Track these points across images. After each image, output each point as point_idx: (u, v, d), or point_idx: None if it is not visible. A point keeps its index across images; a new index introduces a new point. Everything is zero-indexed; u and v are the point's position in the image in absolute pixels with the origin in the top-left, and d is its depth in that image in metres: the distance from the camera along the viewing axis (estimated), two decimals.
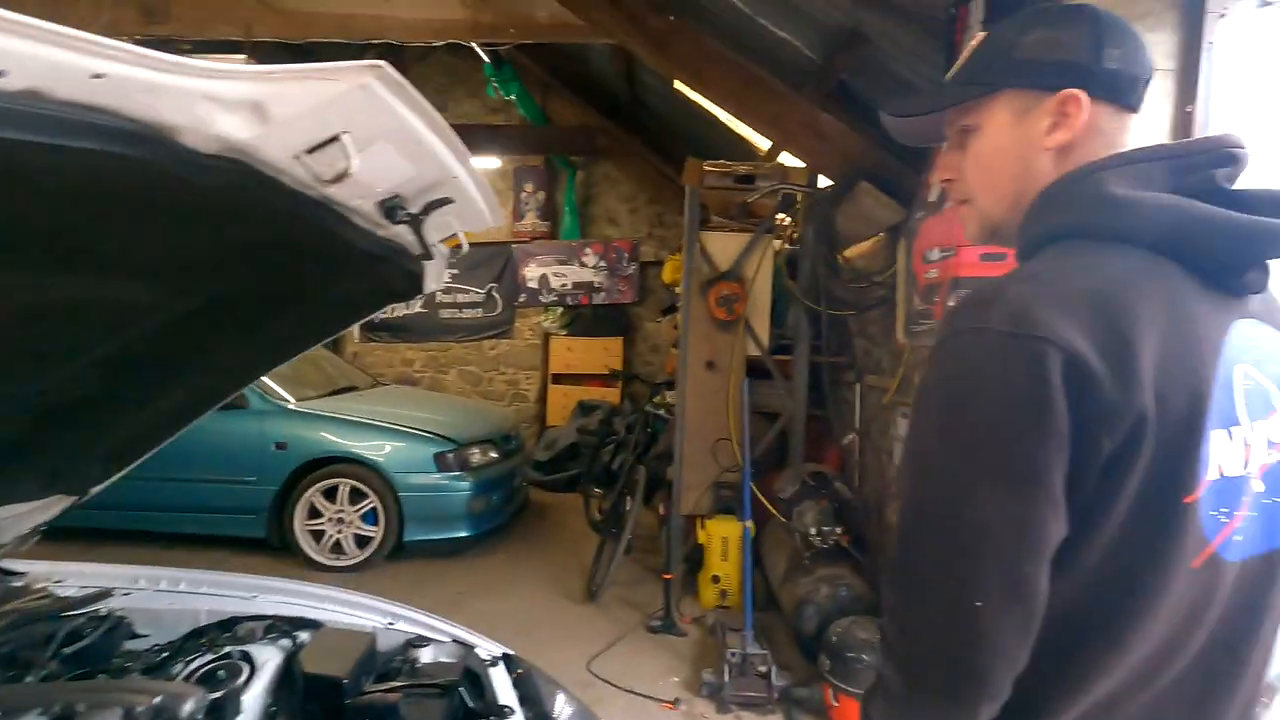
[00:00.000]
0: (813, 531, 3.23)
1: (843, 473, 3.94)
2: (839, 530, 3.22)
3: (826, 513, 3.27)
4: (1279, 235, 0.66)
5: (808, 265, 3.81)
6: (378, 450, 4.32)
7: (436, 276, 1.60)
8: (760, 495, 3.61)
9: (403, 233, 1.06)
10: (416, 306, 7.47)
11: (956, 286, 2.31)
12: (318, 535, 4.34)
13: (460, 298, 7.50)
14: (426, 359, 7.55)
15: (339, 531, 4.33)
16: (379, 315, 7.45)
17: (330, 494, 4.34)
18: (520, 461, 5.18)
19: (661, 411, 4.43)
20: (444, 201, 1.00)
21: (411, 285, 1.55)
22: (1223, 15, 2.23)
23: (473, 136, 6.35)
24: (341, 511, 4.33)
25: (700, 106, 4.25)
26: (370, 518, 4.34)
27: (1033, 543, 0.61)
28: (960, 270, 2.30)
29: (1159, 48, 2.26)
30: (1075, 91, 0.73)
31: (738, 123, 4.29)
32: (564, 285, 7.45)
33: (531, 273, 7.45)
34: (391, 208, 0.96)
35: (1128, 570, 0.64)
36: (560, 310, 7.42)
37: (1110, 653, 0.65)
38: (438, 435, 4.43)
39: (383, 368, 7.47)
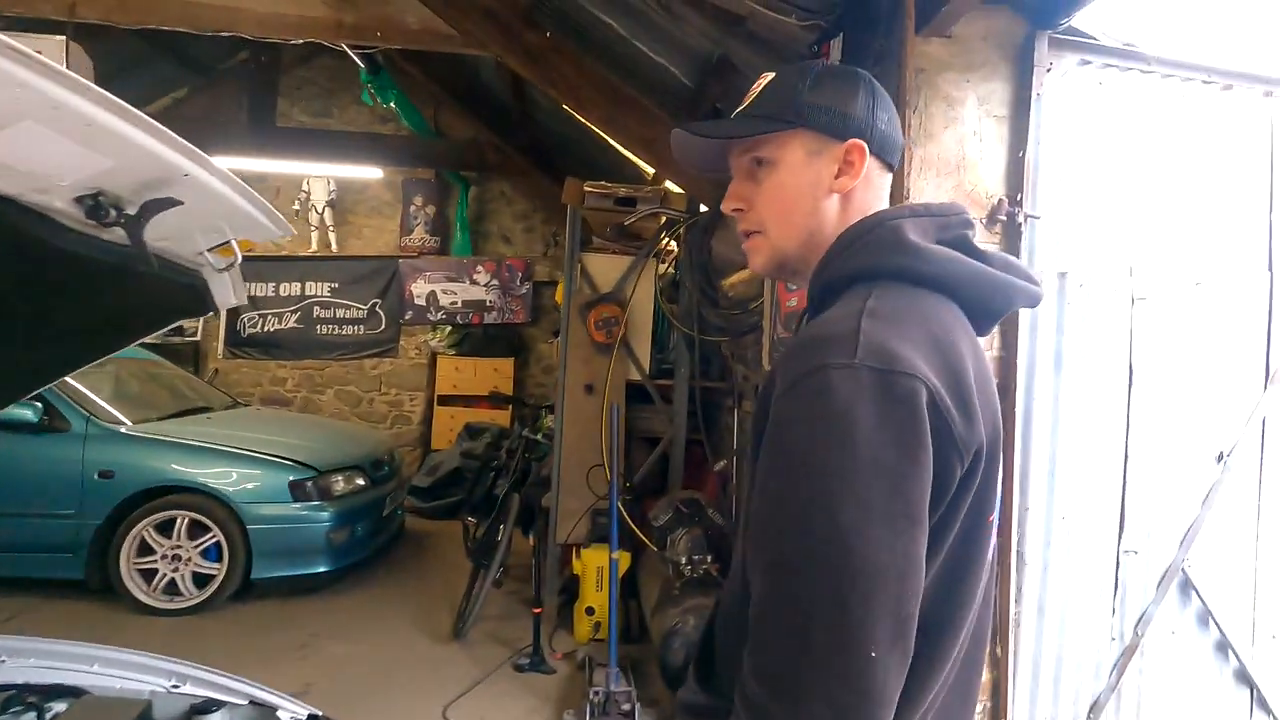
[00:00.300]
0: (684, 561, 3.17)
1: (721, 499, 3.93)
2: (710, 559, 3.18)
3: (698, 541, 3.23)
4: (1021, 290, 0.80)
5: (686, 290, 3.81)
6: (223, 478, 3.92)
7: (231, 291, 1.42)
8: (632, 523, 3.53)
9: (125, 236, 0.90)
10: (291, 320, 6.98)
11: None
12: (150, 575, 3.87)
13: (340, 313, 7.08)
14: (301, 378, 7.05)
15: (174, 570, 3.88)
16: (246, 329, 6.90)
17: (166, 528, 3.89)
18: (394, 488, 4.86)
19: (539, 436, 4.28)
20: (170, 203, 0.85)
21: (196, 300, 1.37)
22: (1049, 70, 2.39)
23: (353, 144, 6.04)
24: (179, 547, 3.89)
25: (590, 126, 4.20)
26: (213, 553, 3.93)
27: (916, 582, 0.63)
28: None
29: (994, 96, 2.39)
30: (860, 142, 0.80)
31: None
32: (454, 303, 7.18)
33: (419, 289, 7.14)
34: (95, 206, 0.80)
35: (953, 585, 0.70)
36: (449, 329, 7.14)
37: (942, 663, 0.71)
38: (294, 461, 4.08)
39: (249, 387, 6.91)
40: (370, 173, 6.42)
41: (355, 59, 4.62)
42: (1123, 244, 2.47)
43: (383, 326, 7.11)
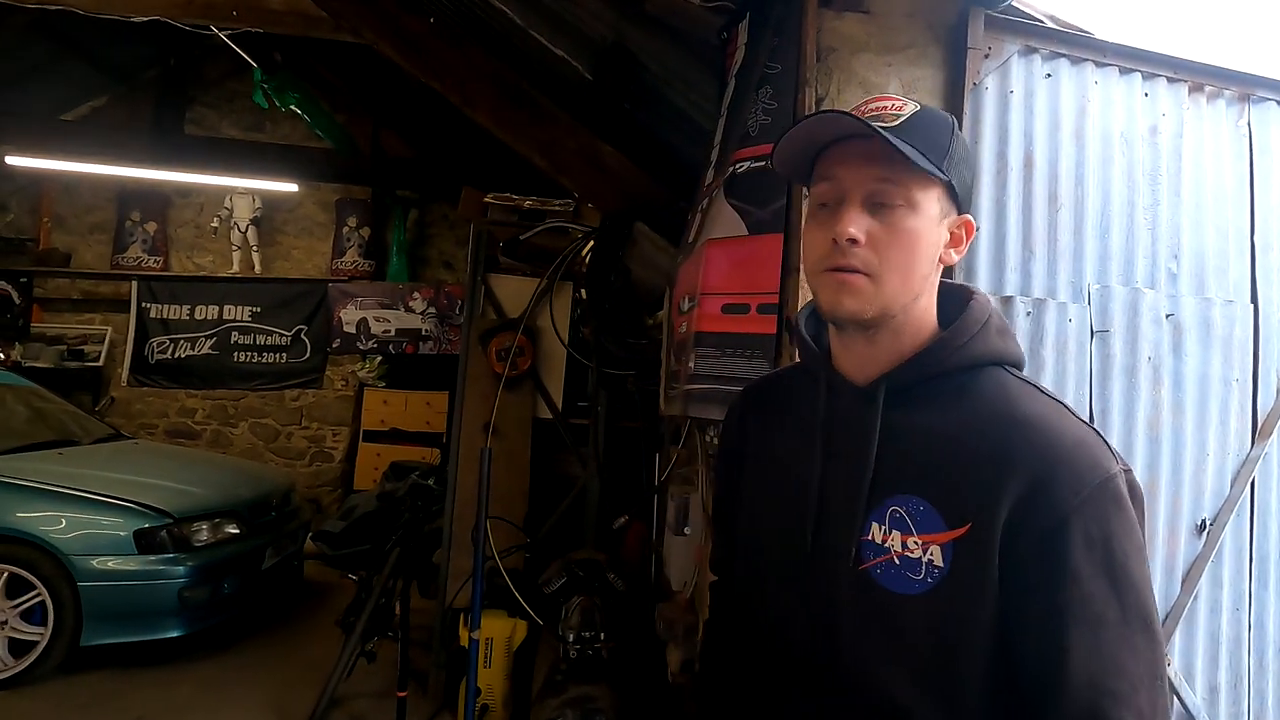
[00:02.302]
0: (571, 638, 2.64)
1: (644, 559, 3.41)
2: (602, 636, 2.65)
3: (590, 613, 2.70)
4: None
5: (585, 315, 3.36)
6: (50, 524, 3.34)
7: None
8: (515, 590, 3.00)
9: None
10: (205, 347, 6.44)
11: (699, 343, 1.87)
12: None
13: (261, 339, 6.54)
14: (213, 409, 6.47)
15: None
16: (155, 355, 6.35)
17: None
18: (280, 536, 4.28)
19: (430, 481, 3.76)
20: None
21: None
22: (986, 55, 1.99)
23: (272, 157, 5.62)
24: None
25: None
26: (38, 615, 3.33)
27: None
28: (702, 323, 1.86)
29: (922, 84, 1.98)
30: (970, 218, 0.79)
31: None
32: (386, 331, 6.68)
33: (349, 315, 6.64)
34: None
35: None
36: (379, 359, 6.62)
37: None
38: (144, 506, 3.51)
39: (154, 418, 6.32)
40: (287, 187, 5.98)
41: (234, 48, 4.20)
42: (1078, 267, 2.05)
43: (307, 355, 6.58)
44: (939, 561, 0.70)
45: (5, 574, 3.30)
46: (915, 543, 0.72)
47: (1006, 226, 2.01)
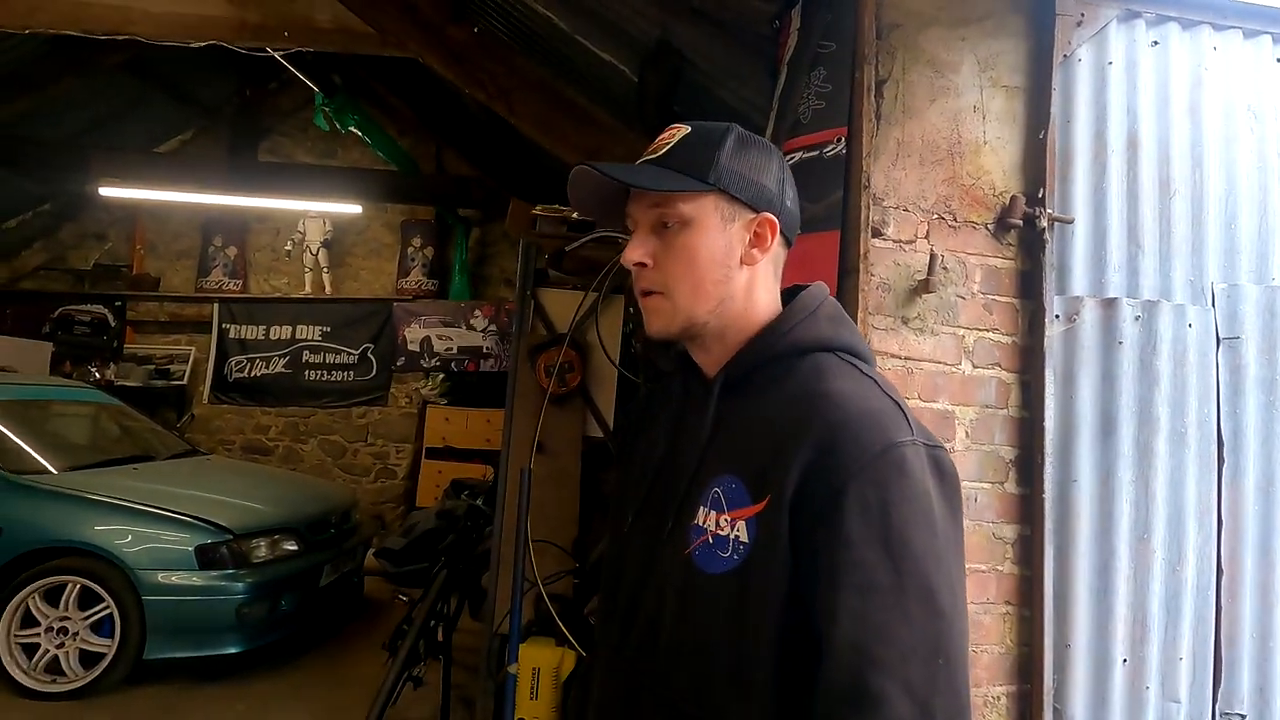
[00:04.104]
0: None
1: None
2: None
3: None
4: None
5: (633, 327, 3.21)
6: (119, 538, 3.43)
7: None
8: (558, 618, 2.84)
9: None
10: (279, 365, 6.66)
11: None
12: (32, 650, 3.38)
13: (330, 358, 6.72)
14: (285, 426, 6.67)
15: (59, 645, 3.38)
16: (232, 373, 6.60)
17: (55, 595, 3.41)
18: (339, 554, 4.30)
19: (479, 501, 3.67)
20: None
21: None
22: (1079, 23, 1.74)
23: (338, 180, 5.77)
24: (66, 619, 3.39)
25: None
26: (107, 628, 3.41)
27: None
28: None
29: (1002, 59, 1.74)
30: (771, 216, 0.81)
31: None
32: (449, 349, 6.74)
33: (413, 334, 6.74)
34: None
35: None
36: (441, 376, 6.68)
37: None
38: (207, 522, 3.57)
39: (231, 434, 6.57)
40: (354, 209, 6.14)
41: (294, 71, 4.30)
42: (1197, 263, 1.75)
43: (373, 373, 6.71)
44: (744, 537, 0.72)
45: (78, 586, 3.40)
46: (726, 520, 0.73)
47: (1107, 219, 1.74)
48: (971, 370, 1.71)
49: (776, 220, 0.80)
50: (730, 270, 0.79)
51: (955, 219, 1.73)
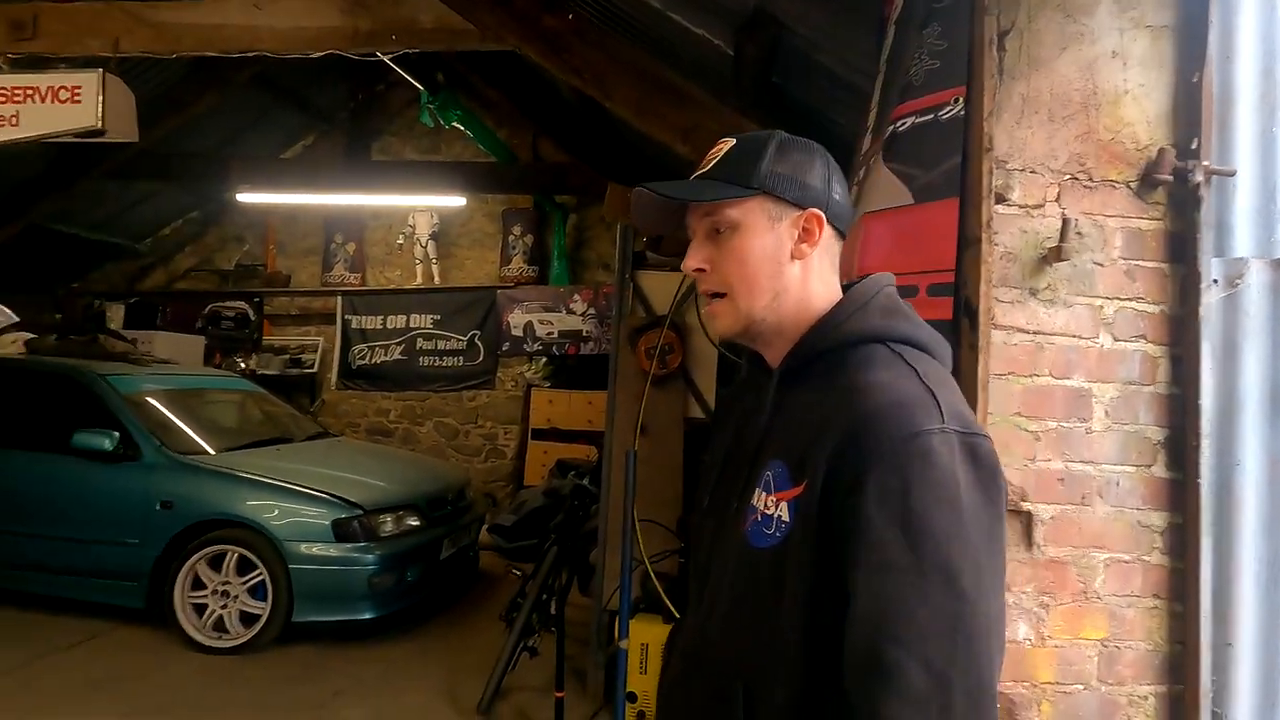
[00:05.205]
0: None
1: None
2: None
3: None
4: (950, 351, 0.88)
5: None
6: (267, 513, 3.79)
7: None
8: (664, 594, 2.88)
9: None
10: (395, 353, 7.10)
11: None
12: (202, 609, 3.82)
13: (441, 345, 7.08)
14: (403, 409, 7.12)
15: (223, 606, 3.80)
16: (356, 361, 7.08)
17: (217, 562, 3.83)
18: (455, 529, 4.55)
19: (585, 481, 3.77)
20: None
21: None
22: None
23: (440, 174, 6.03)
24: (227, 583, 3.80)
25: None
26: (260, 592, 3.80)
27: (1004, 625, 0.75)
28: None
29: None
30: (817, 211, 0.86)
31: None
32: (550, 334, 6.93)
33: (516, 320, 6.98)
34: None
35: None
36: (544, 360, 6.89)
37: None
38: (340, 499, 3.88)
39: (356, 417, 7.08)
40: (457, 202, 6.40)
41: (400, 71, 4.50)
42: None
43: (480, 358, 7.02)
44: (786, 517, 0.77)
45: (236, 554, 3.80)
46: (773, 501, 0.79)
47: (1277, 169, 1.53)
48: (1111, 344, 1.56)
49: (823, 214, 0.85)
50: (781, 266, 0.85)
51: (1090, 178, 1.58)
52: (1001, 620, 0.72)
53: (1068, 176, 1.58)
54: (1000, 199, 1.55)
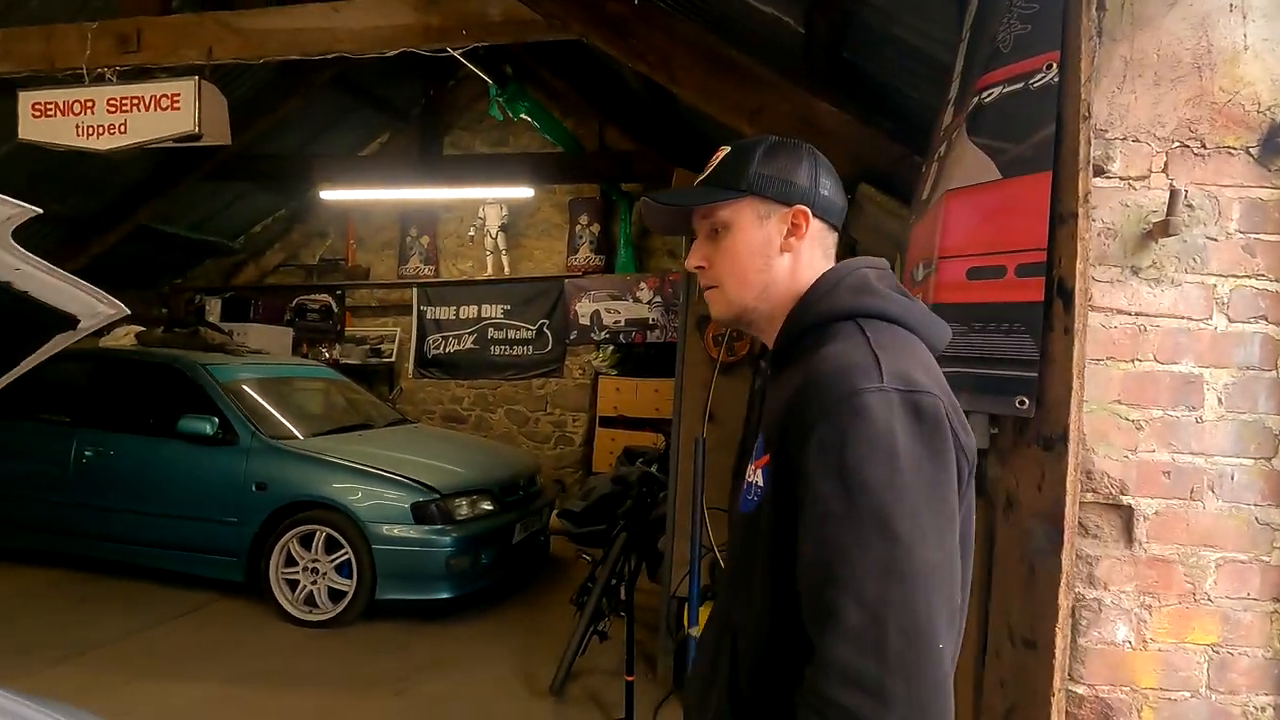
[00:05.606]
0: None
1: None
2: None
3: None
4: (945, 329, 0.94)
5: None
6: (351, 495, 3.99)
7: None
8: None
9: None
10: (468, 342, 7.30)
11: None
12: (295, 584, 4.06)
13: (511, 334, 7.24)
14: (475, 397, 7.33)
15: (313, 583, 4.02)
16: (431, 351, 7.31)
17: (307, 540, 4.06)
18: (528, 514, 4.67)
19: (653, 468, 3.78)
20: None
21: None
22: None
23: (507, 166, 6.13)
24: (316, 561, 4.03)
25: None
26: (346, 570, 4.00)
27: (956, 571, 0.78)
28: (941, 293, 1.54)
29: None
30: (803, 207, 0.94)
31: None
32: (617, 322, 6.97)
33: (583, 308, 7.05)
34: None
35: (963, 569, 0.82)
36: (611, 349, 6.94)
37: (961, 636, 0.84)
38: (418, 483, 4.04)
39: (432, 405, 7.34)
40: (524, 193, 6.50)
41: (469, 65, 4.57)
42: None
43: (549, 347, 7.14)
44: (760, 482, 0.86)
45: (324, 534, 4.02)
46: (753, 470, 0.88)
47: None
48: (1226, 326, 1.43)
49: (809, 210, 0.93)
50: (770, 259, 0.94)
51: (1203, 145, 1.44)
52: (946, 569, 0.75)
53: (1176, 144, 1.45)
54: (1099, 171, 1.44)
